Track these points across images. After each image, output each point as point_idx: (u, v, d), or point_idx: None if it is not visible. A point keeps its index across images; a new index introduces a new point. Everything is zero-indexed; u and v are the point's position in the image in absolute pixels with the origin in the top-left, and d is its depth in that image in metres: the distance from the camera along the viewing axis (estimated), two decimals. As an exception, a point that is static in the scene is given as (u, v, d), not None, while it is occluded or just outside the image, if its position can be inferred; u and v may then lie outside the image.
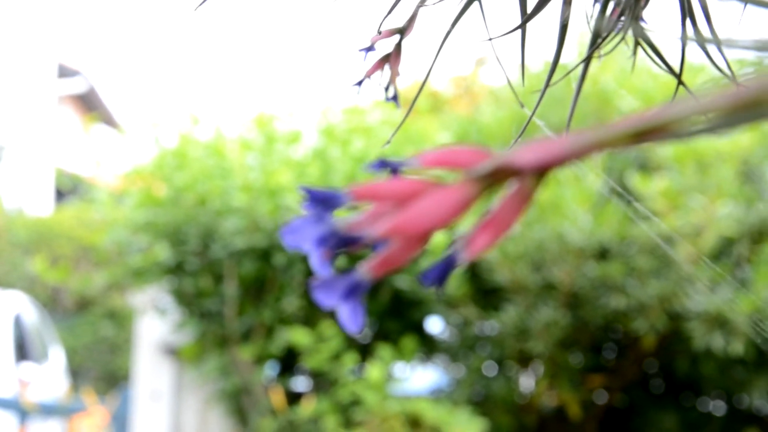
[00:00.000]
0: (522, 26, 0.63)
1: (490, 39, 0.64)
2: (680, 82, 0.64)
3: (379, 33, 0.67)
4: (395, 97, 0.68)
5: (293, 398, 4.13)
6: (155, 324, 4.93)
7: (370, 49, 0.66)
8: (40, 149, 12.64)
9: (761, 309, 3.41)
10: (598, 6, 0.64)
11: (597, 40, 0.63)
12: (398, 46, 0.67)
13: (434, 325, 4.50)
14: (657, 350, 3.98)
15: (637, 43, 0.64)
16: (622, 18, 0.62)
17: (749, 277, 3.49)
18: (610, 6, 0.63)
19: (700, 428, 4.11)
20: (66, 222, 8.91)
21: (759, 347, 3.52)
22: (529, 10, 0.62)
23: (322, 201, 0.36)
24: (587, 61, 0.63)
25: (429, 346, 4.45)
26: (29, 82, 12.73)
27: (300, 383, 4.39)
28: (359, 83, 0.67)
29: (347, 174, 3.97)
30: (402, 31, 0.67)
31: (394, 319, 4.12)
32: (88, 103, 14.68)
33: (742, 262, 3.67)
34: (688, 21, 0.61)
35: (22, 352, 5.89)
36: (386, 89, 0.68)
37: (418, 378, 4.57)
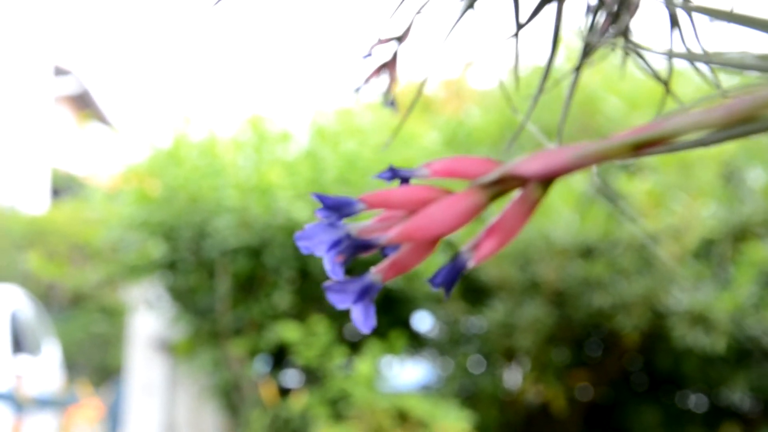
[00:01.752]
0: (516, 35, 0.66)
1: (486, 45, 0.68)
2: (668, 91, 0.66)
3: (377, 40, 0.69)
4: (393, 103, 0.70)
5: (285, 393, 4.19)
6: (148, 319, 4.99)
7: (367, 55, 0.68)
8: (36, 148, 12.67)
9: (742, 307, 3.49)
10: (589, 16, 0.66)
11: (588, 49, 0.65)
12: (395, 53, 0.69)
13: (423, 321, 4.56)
14: (640, 347, 4.04)
15: (625, 52, 0.67)
16: (612, 26, 0.64)
17: (731, 276, 3.57)
18: (600, 14, 0.65)
19: (682, 424, 4.18)
20: (61, 219, 8.95)
21: (739, 344, 3.59)
22: (522, 15, 0.65)
23: (335, 207, 0.38)
24: (578, 69, 0.66)
25: (417, 342, 4.51)
26: (25, 81, 12.76)
27: (291, 378, 4.45)
28: (357, 89, 0.69)
29: (338, 174, 4.02)
30: (399, 39, 0.69)
31: (384, 314, 4.17)
32: (83, 103, 14.68)
33: (724, 261, 3.75)
34: (675, 31, 0.63)
35: (18, 346, 5.93)
36: (384, 95, 0.70)
37: (406, 373, 4.63)
